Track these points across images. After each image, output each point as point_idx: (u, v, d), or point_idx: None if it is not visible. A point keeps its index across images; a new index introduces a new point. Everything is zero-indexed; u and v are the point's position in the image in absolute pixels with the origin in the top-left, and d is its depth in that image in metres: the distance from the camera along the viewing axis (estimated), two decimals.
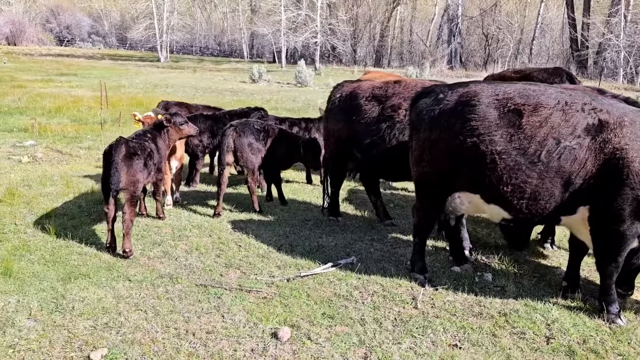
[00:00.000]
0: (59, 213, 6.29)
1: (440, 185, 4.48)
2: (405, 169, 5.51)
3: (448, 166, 4.33)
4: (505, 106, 4.04)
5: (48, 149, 10.46)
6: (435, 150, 4.37)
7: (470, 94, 4.20)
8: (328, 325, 3.99)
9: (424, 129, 4.43)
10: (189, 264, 5.07)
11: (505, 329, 3.96)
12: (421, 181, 4.64)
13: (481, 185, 4.20)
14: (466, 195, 4.42)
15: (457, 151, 4.21)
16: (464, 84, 4.43)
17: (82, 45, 70.35)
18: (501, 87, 4.18)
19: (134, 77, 27.63)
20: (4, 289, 4.37)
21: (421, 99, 4.56)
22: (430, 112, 4.38)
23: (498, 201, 4.18)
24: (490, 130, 4.03)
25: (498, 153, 4.01)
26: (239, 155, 6.29)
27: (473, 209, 4.54)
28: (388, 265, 5.10)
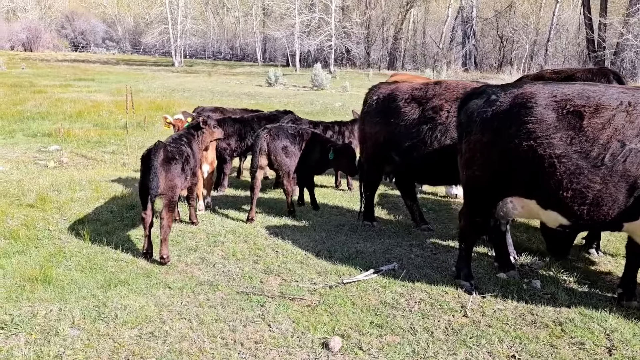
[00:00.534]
0: (92, 218, 6.25)
1: (492, 189, 4.34)
2: (446, 172, 5.41)
3: (501, 170, 4.18)
4: (564, 108, 3.89)
5: (73, 153, 10.47)
6: (487, 153, 4.22)
7: (526, 95, 4.05)
8: (378, 334, 3.87)
9: (475, 131, 4.29)
10: (228, 270, 4.98)
11: (563, 339, 3.81)
12: (471, 185, 4.50)
13: (538, 190, 4.05)
14: (520, 200, 4.27)
15: (512, 155, 4.06)
16: (516, 85, 4.29)
17: (96, 51, 71.10)
18: (558, 88, 4.04)
19: (150, 82, 27.76)
20: (44, 296, 4.31)
21: (472, 100, 4.41)
22: (482, 114, 4.24)
23: (556, 207, 4.02)
24: (548, 133, 3.88)
25: (557, 157, 3.86)
26: (273, 158, 6.20)
27: (527, 214, 4.39)
28: (431, 272, 4.96)
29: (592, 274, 4.97)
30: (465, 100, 4.53)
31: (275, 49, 65.48)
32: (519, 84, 4.27)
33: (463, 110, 4.50)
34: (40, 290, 4.39)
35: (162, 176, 4.95)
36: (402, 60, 55.17)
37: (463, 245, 4.71)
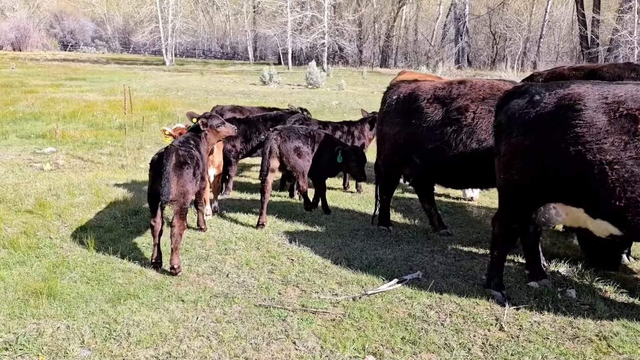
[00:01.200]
0: (94, 225, 5.93)
1: (532, 195, 4.08)
2: (471, 175, 5.17)
3: (544, 175, 3.92)
4: (616, 111, 3.63)
5: (69, 155, 10.12)
6: (529, 157, 3.96)
7: (573, 96, 3.79)
8: (412, 352, 3.61)
9: (516, 133, 4.02)
10: (242, 281, 4.70)
11: (611, 356, 3.57)
12: (509, 190, 4.24)
13: (586, 198, 3.80)
14: (565, 207, 4.01)
15: (558, 160, 3.81)
16: (562, 85, 4.02)
17: (85, 50, 70.24)
18: (609, 88, 3.78)
19: (143, 81, 27.32)
20: (50, 312, 4.00)
21: (512, 99, 4.14)
22: (525, 115, 3.97)
23: (607, 216, 3.76)
24: (599, 138, 3.62)
25: (609, 163, 3.60)
26: (285, 160, 5.93)
27: (572, 222, 4.12)
28: (458, 281, 4.71)
29: (628, 282, 4.74)
30: (505, 99, 4.26)
31: (266, 47, 65.04)
32: (566, 84, 4.01)
33: (503, 110, 4.22)
34: (46, 306, 4.09)
35: (174, 182, 4.65)
36: (394, 58, 54.97)
37: (496, 252, 4.44)
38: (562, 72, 6.91)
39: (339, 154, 6.28)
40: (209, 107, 17.82)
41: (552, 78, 6.97)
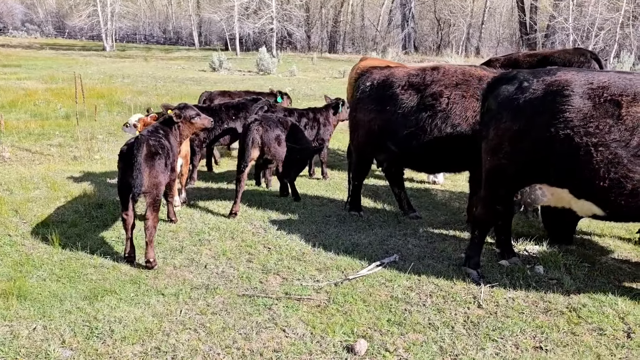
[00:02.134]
0: (56, 220, 5.68)
1: (518, 177, 4.21)
2: (445, 159, 5.30)
3: (532, 158, 4.05)
4: (601, 96, 3.79)
5: (15, 147, 9.59)
6: (518, 141, 4.07)
7: (561, 82, 3.93)
8: (399, 333, 3.71)
9: (505, 118, 4.13)
10: (222, 271, 4.65)
11: (582, 326, 3.81)
12: (495, 172, 4.34)
13: (572, 179, 3.95)
14: (551, 188, 4.18)
15: (546, 143, 3.93)
16: (548, 71, 4.15)
17: (16, 34, 66.19)
18: (593, 75, 3.94)
19: (84, 68, 26.09)
20: (23, 314, 3.83)
21: (501, 85, 4.24)
22: (514, 101, 4.08)
23: (591, 197, 3.94)
24: (585, 122, 3.77)
25: (594, 145, 3.75)
26: (267, 149, 5.87)
27: (556, 202, 4.30)
28: (433, 262, 4.86)
29: (588, 257, 5.04)
30: (493, 85, 4.36)
31: (211, 32, 63.57)
32: (552, 71, 4.14)
33: (492, 96, 4.32)
34: (17, 307, 3.90)
35: (146, 173, 4.52)
36: (342, 44, 55.13)
37: (477, 232, 4.58)
38: (517, 58, 7.22)
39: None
40: (159, 94, 17.36)
41: (508, 63, 7.28)
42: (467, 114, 5.15)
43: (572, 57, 6.48)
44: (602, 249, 5.30)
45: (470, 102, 5.15)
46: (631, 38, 31.61)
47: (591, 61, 6.45)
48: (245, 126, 6.00)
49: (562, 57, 6.55)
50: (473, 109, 5.14)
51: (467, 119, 5.15)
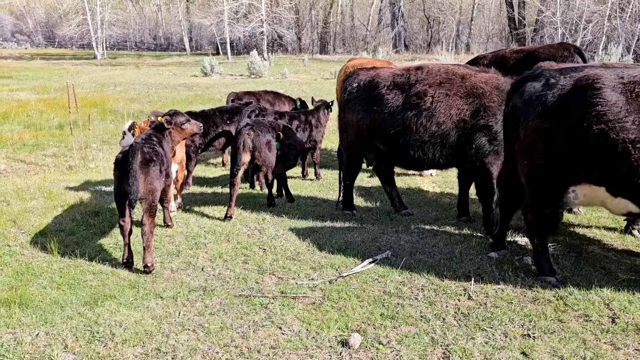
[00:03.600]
0: (54, 229, 5.77)
1: (558, 178, 4.09)
2: (432, 157, 5.43)
3: (567, 157, 3.96)
4: (632, 91, 3.74)
5: (9, 159, 9.67)
6: (550, 140, 3.99)
7: (590, 77, 3.89)
8: (392, 326, 3.83)
9: (533, 117, 4.05)
10: (218, 273, 4.76)
11: (569, 313, 3.93)
12: (534, 175, 4.22)
13: (608, 177, 3.86)
14: (585, 188, 4.09)
15: (580, 141, 3.86)
16: (575, 68, 4.12)
17: (6, 46, 66.12)
18: (623, 70, 3.91)
19: (76, 77, 26.13)
20: (25, 321, 3.92)
21: (526, 83, 4.19)
22: (542, 98, 4.01)
23: (628, 194, 3.88)
24: (620, 117, 3.71)
25: (632, 142, 3.69)
26: (257, 154, 5.98)
27: (588, 202, 4.23)
28: (425, 257, 4.98)
29: (575, 247, 5.18)
30: (519, 83, 4.30)
31: (202, 37, 63.58)
32: (579, 67, 4.11)
33: (517, 94, 4.25)
34: (19, 314, 4.00)
35: (141, 180, 4.62)
36: (333, 44, 55.27)
37: (537, 240, 4.44)
38: (504, 55, 7.36)
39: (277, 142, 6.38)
40: (151, 101, 17.44)
41: (496, 60, 7.41)
42: (451, 112, 5.28)
43: (556, 52, 6.62)
44: (588, 239, 5.43)
45: (454, 100, 5.28)
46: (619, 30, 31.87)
47: (574, 55, 6.59)
48: (237, 130, 6.11)
49: (547, 52, 6.69)
50: (457, 107, 5.27)
51: (451, 116, 5.28)
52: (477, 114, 5.27)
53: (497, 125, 5.22)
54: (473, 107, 5.29)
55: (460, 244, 5.27)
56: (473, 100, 5.30)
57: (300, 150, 6.62)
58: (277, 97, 8.99)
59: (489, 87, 5.33)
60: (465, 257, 4.96)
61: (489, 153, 5.29)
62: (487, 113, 5.25)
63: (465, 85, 5.29)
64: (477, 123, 5.26)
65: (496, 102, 5.27)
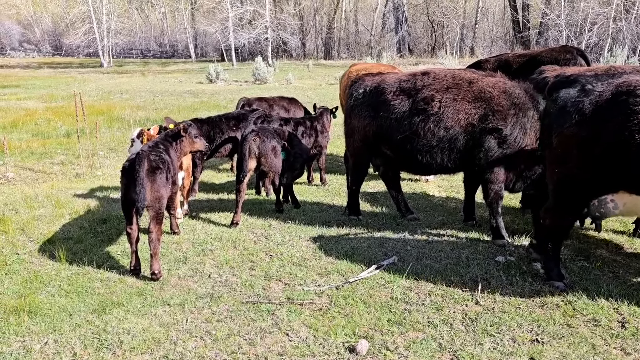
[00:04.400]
0: (62, 237, 5.81)
1: (593, 186, 4.02)
2: (439, 162, 5.43)
3: (605, 166, 3.87)
4: None
5: (18, 167, 9.74)
6: (587, 148, 3.89)
7: (631, 83, 3.81)
8: (399, 332, 3.82)
9: (569, 124, 3.95)
10: (225, 280, 4.77)
11: (578, 318, 3.91)
12: (564, 182, 4.15)
13: None
14: (625, 197, 4.04)
15: (620, 149, 3.75)
16: (612, 74, 4.06)
17: (14, 55, 66.75)
18: None
19: (83, 85, 26.33)
20: (34, 329, 3.94)
21: (561, 89, 4.13)
22: (578, 105, 3.92)
23: None
24: None
25: None
26: (264, 160, 5.99)
27: (628, 212, 4.19)
28: (431, 263, 4.97)
29: (583, 250, 5.15)
30: (553, 89, 4.24)
31: (207, 43, 63.99)
32: (617, 73, 4.08)
33: (552, 100, 4.18)
34: (28, 322, 4.02)
35: (148, 187, 4.65)
36: (337, 50, 55.41)
37: (552, 245, 4.40)
38: (507, 59, 7.36)
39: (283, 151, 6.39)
40: (157, 108, 17.54)
41: (499, 64, 7.41)
42: (459, 116, 5.28)
43: (559, 55, 6.63)
44: (596, 242, 5.41)
45: (462, 105, 5.28)
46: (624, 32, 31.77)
47: (577, 58, 6.59)
48: (242, 137, 6.13)
49: (550, 56, 6.69)
50: (465, 111, 5.27)
51: (459, 121, 5.28)
52: (486, 118, 5.26)
53: (506, 129, 5.22)
54: (481, 111, 5.28)
55: (467, 249, 5.26)
56: (481, 104, 5.30)
57: (307, 158, 6.64)
58: (292, 103, 9.11)
59: (497, 91, 5.33)
60: (472, 261, 4.95)
61: (497, 156, 5.28)
62: (495, 117, 5.25)
63: (473, 90, 5.30)
64: (485, 127, 5.26)
65: (504, 106, 5.26)
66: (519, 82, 5.46)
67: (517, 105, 5.26)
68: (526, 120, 5.26)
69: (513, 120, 5.23)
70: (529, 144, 5.26)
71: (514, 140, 5.25)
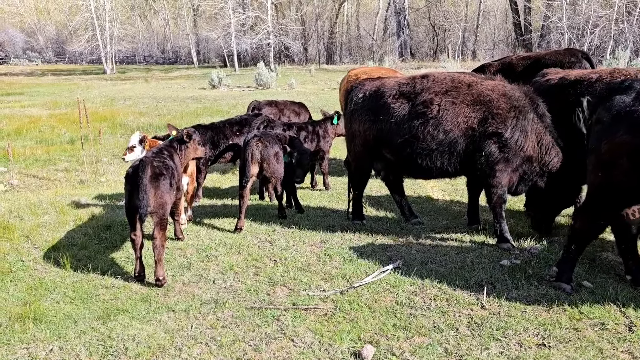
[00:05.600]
0: (67, 244, 5.81)
1: (633, 195, 3.97)
2: (439, 165, 5.42)
3: None
4: None
5: (22, 174, 9.77)
6: (638, 157, 3.80)
7: None
8: (405, 337, 3.81)
9: (622, 132, 3.86)
10: (229, 286, 4.76)
11: (584, 322, 3.89)
12: (606, 189, 4.08)
13: None
14: None
15: None
16: None
17: (17, 62, 67.17)
18: None
19: (86, 92, 26.46)
20: (39, 336, 3.94)
21: (614, 95, 4.07)
22: (633, 113, 3.82)
23: None
24: None
25: None
26: (266, 166, 5.99)
27: None
28: (436, 267, 4.96)
29: (588, 253, 5.12)
30: (606, 95, 4.17)
31: (209, 49, 64.28)
32: None
33: (604, 107, 4.12)
34: (33, 329, 4.02)
35: (151, 194, 4.65)
36: (339, 54, 55.56)
37: (574, 246, 4.35)
38: (511, 62, 7.35)
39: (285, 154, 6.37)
40: (160, 114, 17.59)
41: (503, 67, 7.40)
42: (458, 120, 5.27)
43: (564, 58, 6.62)
44: (602, 245, 5.37)
45: (461, 108, 5.28)
46: (626, 33, 31.75)
47: (582, 61, 6.57)
48: (245, 142, 6.14)
49: (554, 58, 6.68)
50: (464, 115, 5.27)
51: (458, 124, 5.28)
52: (486, 122, 5.26)
53: (506, 132, 5.21)
54: (481, 115, 5.28)
55: (472, 253, 5.24)
56: (480, 107, 5.30)
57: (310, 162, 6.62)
58: (302, 107, 9.31)
59: (496, 94, 5.33)
60: (477, 265, 4.93)
61: (499, 160, 5.27)
62: (495, 120, 5.24)
63: (472, 93, 5.30)
64: (485, 130, 5.25)
65: (504, 109, 5.27)
66: (519, 85, 5.47)
67: (517, 108, 5.27)
68: (527, 122, 5.27)
69: (513, 123, 5.24)
70: (530, 146, 5.27)
71: (515, 144, 5.25)
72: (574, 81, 5.37)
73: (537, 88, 5.66)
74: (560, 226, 6.01)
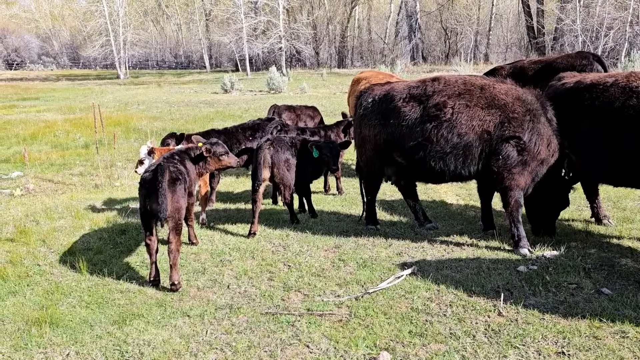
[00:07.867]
0: (82, 248, 5.86)
1: None
2: (452, 169, 5.37)
3: None
4: None
5: (38, 179, 9.89)
6: None
7: None
8: (421, 344, 3.77)
9: None
10: (244, 291, 4.76)
11: (604, 330, 3.82)
12: None
13: None
14: None
15: None
16: None
17: (33, 68, 68.14)
18: None
19: (100, 97, 26.73)
20: (56, 340, 3.97)
21: None
22: None
23: None
24: None
25: None
26: (276, 171, 6.00)
27: None
28: (451, 273, 4.91)
29: (606, 260, 5.05)
30: None
31: (221, 54, 64.70)
32: None
33: None
34: (50, 334, 4.04)
35: (169, 199, 4.67)
36: (351, 58, 55.54)
37: None
38: (523, 66, 7.30)
39: (313, 149, 6.33)
40: (173, 119, 17.72)
41: (514, 71, 7.35)
42: (473, 123, 5.24)
43: (575, 61, 6.55)
44: (620, 251, 5.29)
45: (475, 111, 5.25)
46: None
47: (594, 63, 6.50)
48: (257, 146, 6.14)
49: (565, 62, 6.62)
50: (479, 118, 5.23)
51: (473, 127, 5.24)
52: (502, 125, 5.22)
53: (525, 136, 5.19)
54: (496, 119, 5.25)
55: (488, 258, 5.19)
56: (496, 111, 5.26)
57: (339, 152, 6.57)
58: (315, 111, 9.64)
59: (511, 97, 5.31)
60: (493, 271, 4.88)
61: (516, 164, 5.23)
62: (512, 124, 5.21)
63: (485, 96, 5.27)
64: (502, 134, 5.22)
65: (520, 113, 5.23)
66: (529, 89, 5.47)
67: (532, 111, 5.28)
68: (540, 126, 5.27)
69: (530, 126, 5.23)
70: (544, 149, 5.29)
71: (533, 146, 5.24)
72: (590, 85, 5.31)
73: (554, 92, 5.61)
74: (578, 232, 5.93)
